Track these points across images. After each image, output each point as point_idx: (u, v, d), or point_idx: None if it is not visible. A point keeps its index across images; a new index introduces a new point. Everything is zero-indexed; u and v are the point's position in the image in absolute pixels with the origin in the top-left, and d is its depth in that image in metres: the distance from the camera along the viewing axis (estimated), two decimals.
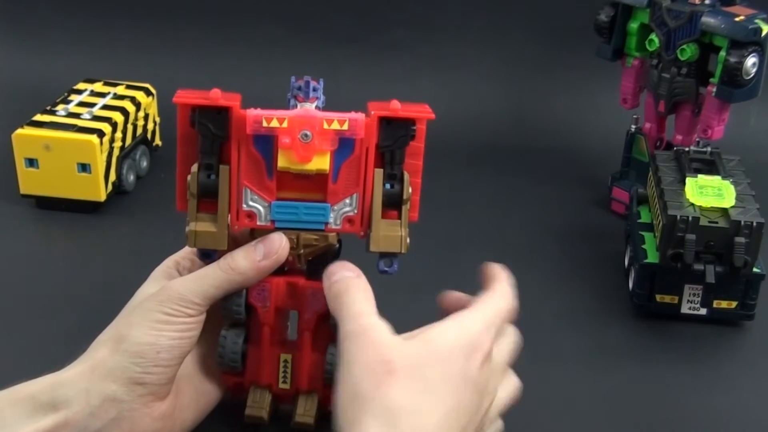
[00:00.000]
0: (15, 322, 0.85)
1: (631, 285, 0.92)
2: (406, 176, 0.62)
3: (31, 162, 1.02)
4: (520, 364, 0.66)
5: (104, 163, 1.02)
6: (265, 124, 0.58)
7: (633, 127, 1.08)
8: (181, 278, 0.62)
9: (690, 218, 0.84)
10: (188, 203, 0.61)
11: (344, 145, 0.60)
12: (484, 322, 0.59)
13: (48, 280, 0.92)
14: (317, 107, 0.61)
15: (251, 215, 0.61)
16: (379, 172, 0.61)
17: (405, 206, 0.62)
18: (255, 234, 0.63)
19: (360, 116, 0.59)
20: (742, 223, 0.83)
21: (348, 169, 0.61)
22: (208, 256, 0.62)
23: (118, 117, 1.06)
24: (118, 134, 1.06)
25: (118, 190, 1.07)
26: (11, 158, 1.02)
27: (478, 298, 0.61)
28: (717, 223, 0.84)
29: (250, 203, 0.61)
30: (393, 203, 0.62)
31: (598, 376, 0.82)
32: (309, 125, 0.58)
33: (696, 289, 0.88)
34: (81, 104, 1.08)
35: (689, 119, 1.03)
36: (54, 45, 1.39)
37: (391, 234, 0.62)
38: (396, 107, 0.60)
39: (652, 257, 0.88)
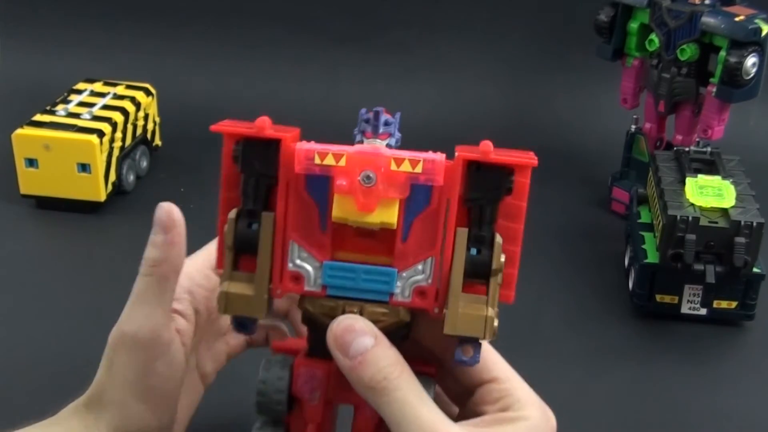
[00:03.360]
0: (15, 322, 0.85)
1: (631, 285, 0.92)
2: (498, 240, 0.48)
3: (31, 162, 1.02)
4: (520, 364, 0.66)
5: (104, 163, 1.02)
6: (318, 160, 0.46)
7: (633, 127, 1.08)
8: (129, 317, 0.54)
9: (690, 218, 0.84)
10: (224, 258, 0.49)
11: (419, 194, 0.47)
12: None
13: (48, 280, 0.92)
14: (389, 146, 0.49)
15: (298, 277, 0.48)
16: (462, 233, 0.48)
17: (494, 278, 0.48)
18: (302, 304, 0.49)
19: (440, 157, 0.47)
20: (742, 223, 0.83)
21: (422, 225, 0.48)
22: (243, 327, 0.50)
23: (118, 117, 1.06)
24: (118, 134, 1.06)
25: (118, 190, 1.07)
26: (11, 158, 1.02)
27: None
28: (717, 223, 0.84)
29: (298, 262, 0.48)
30: (479, 273, 0.48)
31: (598, 376, 0.82)
32: (372, 165, 0.46)
33: (696, 289, 0.88)
34: (81, 104, 1.08)
35: (689, 119, 1.03)
36: (54, 45, 1.39)
37: (473, 313, 0.47)
38: (487, 149, 0.48)
39: (652, 257, 0.88)
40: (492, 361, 0.53)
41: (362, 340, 0.47)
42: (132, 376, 0.54)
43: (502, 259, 0.49)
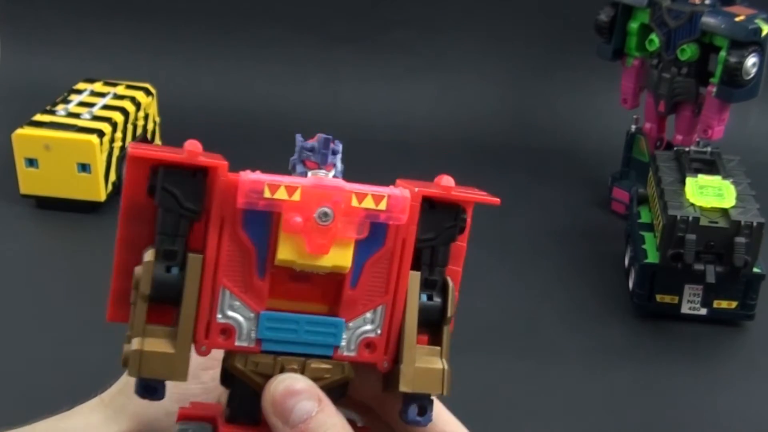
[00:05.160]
0: (15, 322, 0.85)
1: (631, 285, 0.92)
2: (451, 284, 0.44)
3: (31, 162, 1.02)
4: (520, 364, 0.66)
5: (104, 163, 1.02)
6: (267, 194, 0.39)
7: (633, 127, 1.08)
8: None
9: (690, 218, 0.84)
10: (133, 310, 0.41)
11: (373, 233, 0.41)
12: None
13: (48, 280, 0.92)
14: (335, 177, 0.44)
15: (227, 330, 0.41)
16: (415, 277, 0.42)
17: (447, 327, 0.43)
18: (231, 361, 0.42)
19: (405, 193, 0.41)
20: (743, 223, 0.83)
21: (374, 269, 0.42)
22: (151, 391, 0.41)
23: (118, 117, 1.06)
24: (118, 134, 1.06)
25: (118, 190, 1.07)
26: (11, 158, 1.02)
27: None
28: (717, 223, 0.84)
29: (229, 313, 0.41)
30: (430, 322, 0.43)
31: (597, 376, 0.82)
32: (331, 200, 0.40)
33: (696, 289, 0.88)
34: (81, 104, 1.08)
35: (689, 119, 1.03)
36: (54, 45, 1.39)
37: (430, 367, 0.42)
38: (449, 185, 0.43)
39: (653, 257, 0.88)
40: (444, 420, 0.46)
41: (304, 405, 0.40)
42: None
43: (455, 306, 0.43)
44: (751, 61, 0.95)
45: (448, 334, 0.43)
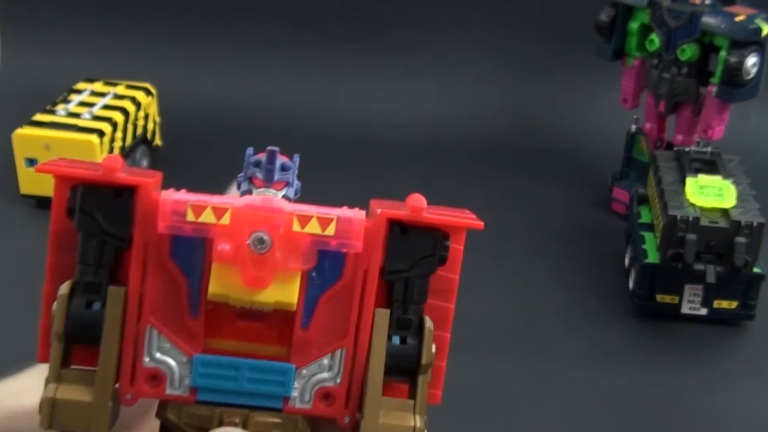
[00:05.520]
0: (15, 322, 0.85)
1: (631, 285, 0.92)
2: (429, 326, 0.36)
3: (31, 162, 1.02)
4: (520, 364, 0.66)
5: None
6: (191, 217, 0.34)
7: (633, 127, 1.08)
8: None
9: (690, 218, 0.84)
10: (51, 350, 0.35)
11: (327, 264, 0.35)
12: None
13: None
14: (286, 198, 0.37)
15: (157, 376, 0.35)
16: (382, 315, 0.36)
17: (423, 376, 0.36)
18: (164, 412, 0.36)
19: (358, 215, 0.34)
20: (743, 223, 0.83)
21: (330, 306, 0.36)
22: None
23: (118, 117, 1.06)
24: (119, 134, 1.05)
25: None
26: (11, 158, 1.02)
27: None
28: (717, 223, 0.84)
29: (157, 356, 0.35)
30: (403, 369, 0.36)
31: (598, 376, 0.82)
32: (267, 224, 0.34)
33: (696, 289, 0.88)
34: (81, 104, 1.08)
35: (689, 119, 1.03)
36: (54, 45, 1.39)
37: (397, 424, 0.35)
38: (418, 205, 0.35)
39: (653, 257, 0.88)
40: None
41: None
42: None
43: (433, 349, 0.36)
44: (751, 61, 0.95)
45: (425, 385, 0.36)
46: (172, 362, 0.35)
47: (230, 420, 0.35)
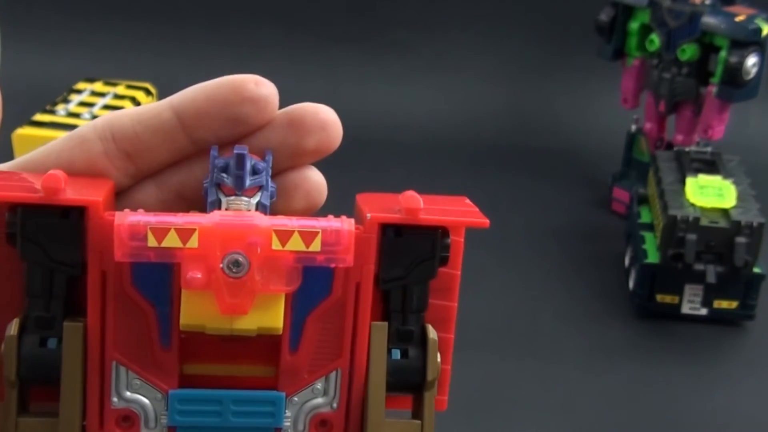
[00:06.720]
0: None
1: (631, 285, 0.92)
2: (432, 336, 0.32)
3: None
4: (520, 364, 0.66)
5: None
6: (152, 242, 0.29)
7: (633, 127, 1.08)
8: None
9: (690, 218, 0.84)
10: (5, 397, 0.31)
11: (313, 280, 0.31)
12: None
13: None
14: (262, 205, 0.32)
15: (129, 418, 0.31)
16: (380, 329, 0.32)
17: (429, 392, 0.32)
18: None
19: (346, 224, 0.30)
20: (743, 223, 0.83)
21: (320, 325, 0.32)
22: None
23: None
24: None
25: None
26: (11, 158, 1.02)
27: None
28: (717, 223, 0.84)
29: (127, 395, 0.31)
30: (406, 385, 0.32)
31: (598, 376, 0.82)
32: (243, 243, 0.29)
33: (696, 289, 0.88)
34: (81, 104, 1.08)
35: (690, 119, 1.03)
36: (54, 45, 1.39)
37: None
38: (414, 206, 0.31)
39: (653, 257, 0.88)
40: None
41: None
42: None
43: (438, 359, 0.32)
44: (751, 61, 0.95)
45: (431, 402, 0.32)
46: (144, 400, 0.31)
47: None
